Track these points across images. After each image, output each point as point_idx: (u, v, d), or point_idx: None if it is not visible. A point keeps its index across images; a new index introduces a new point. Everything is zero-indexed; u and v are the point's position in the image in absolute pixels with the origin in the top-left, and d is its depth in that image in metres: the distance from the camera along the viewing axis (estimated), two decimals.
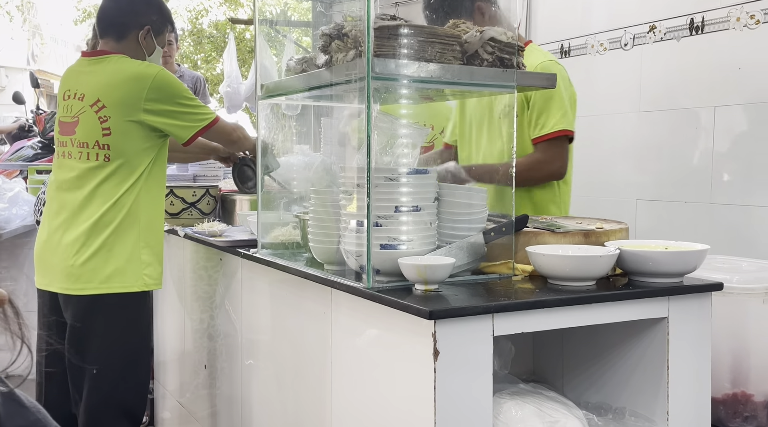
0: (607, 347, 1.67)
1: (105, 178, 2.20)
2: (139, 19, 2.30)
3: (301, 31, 4.50)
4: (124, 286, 2.22)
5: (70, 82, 2.31)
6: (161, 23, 2.36)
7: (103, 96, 2.20)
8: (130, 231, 2.23)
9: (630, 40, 3.02)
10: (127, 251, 2.22)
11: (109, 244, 2.20)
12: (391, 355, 1.44)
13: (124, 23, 2.30)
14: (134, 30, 2.30)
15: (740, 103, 2.61)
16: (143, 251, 2.26)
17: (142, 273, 2.25)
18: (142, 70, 2.21)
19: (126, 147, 2.20)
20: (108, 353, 2.22)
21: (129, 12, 2.31)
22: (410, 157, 1.68)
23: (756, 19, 2.54)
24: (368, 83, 1.47)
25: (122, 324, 2.25)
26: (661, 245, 1.60)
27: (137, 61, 2.27)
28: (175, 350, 2.93)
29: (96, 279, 2.19)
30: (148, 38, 2.32)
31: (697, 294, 1.55)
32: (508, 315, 1.36)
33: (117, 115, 2.18)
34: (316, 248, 1.76)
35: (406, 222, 1.51)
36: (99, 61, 2.27)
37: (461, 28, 1.66)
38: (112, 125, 2.18)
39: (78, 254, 2.19)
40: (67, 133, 2.26)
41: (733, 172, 2.65)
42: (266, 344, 2.07)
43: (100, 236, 2.20)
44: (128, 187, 2.22)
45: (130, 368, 2.27)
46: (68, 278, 2.21)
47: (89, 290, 2.19)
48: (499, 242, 1.61)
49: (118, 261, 2.21)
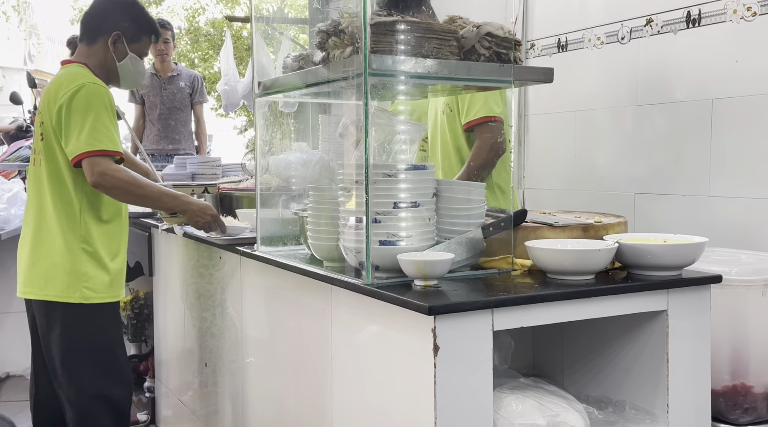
0: (606, 340, 1.67)
1: (41, 183, 2.25)
2: (110, 24, 2.31)
3: (298, 29, 4.49)
4: (58, 295, 2.18)
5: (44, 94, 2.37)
6: (135, 31, 2.35)
7: (43, 104, 2.27)
8: (61, 237, 2.18)
9: (627, 34, 3.02)
10: (56, 259, 2.18)
11: (40, 251, 2.22)
12: (391, 351, 1.45)
13: (95, 28, 2.33)
14: (104, 35, 2.31)
15: (738, 95, 2.61)
16: (84, 261, 2.19)
17: (81, 285, 2.18)
18: (76, 79, 2.19)
19: (52, 151, 2.22)
20: (73, 352, 2.22)
21: (100, 18, 2.34)
22: (408, 154, 1.68)
23: (753, 12, 2.54)
24: (365, 79, 1.47)
25: (80, 329, 2.22)
26: (660, 238, 1.61)
27: (75, 71, 2.25)
28: (176, 348, 2.93)
29: (36, 285, 2.22)
30: (119, 44, 2.31)
31: (696, 287, 1.55)
32: (507, 310, 1.36)
33: (47, 121, 2.23)
34: (315, 245, 1.76)
35: (405, 218, 1.52)
36: (61, 70, 2.33)
37: (458, 24, 1.66)
38: (44, 131, 2.24)
39: (32, 255, 2.24)
40: (37, 144, 2.32)
41: (731, 164, 2.65)
42: (267, 341, 2.07)
43: (35, 241, 2.24)
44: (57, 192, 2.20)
45: (102, 365, 2.24)
46: (26, 278, 2.26)
47: (33, 295, 2.23)
48: (498, 237, 1.61)
49: (47, 269, 2.20)
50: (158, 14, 12.36)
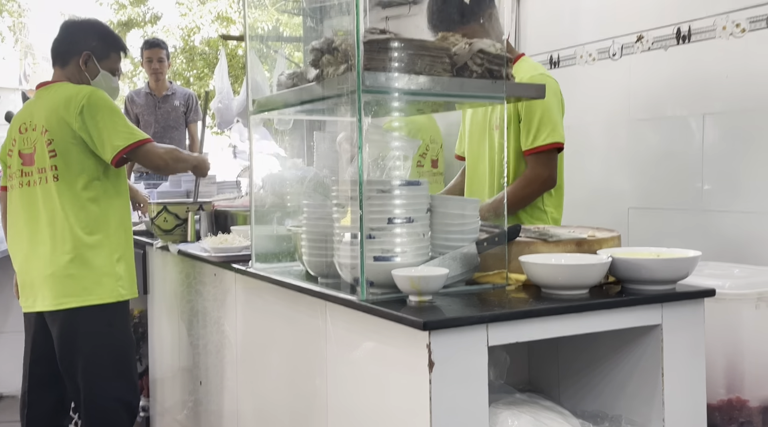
0: (602, 355, 1.67)
1: (61, 197, 2.33)
2: (78, 46, 2.46)
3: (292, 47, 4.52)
4: (100, 298, 2.35)
5: (24, 116, 2.46)
6: (103, 49, 2.50)
7: (46, 122, 2.35)
8: (102, 244, 2.36)
9: (618, 50, 3.05)
10: (101, 263, 2.35)
11: (84, 257, 2.33)
12: (386, 367, 1.44)
13: (65, 51, 2.48)
14: (74, 56, 2.46)
15: (728, 110, 2.64)
16: (117, 263, 2.39)
17: (116, 285, 2.38)
18: (74, 91, 2.35)
19: (72, 165, 2.33)
20: (96, 359, 2.37)
21: (69, 41, 2.49)
22: (402, 169, 1.68)
23: (742, 28, 2.57)
24: (359, 96, 1.48)
25: (106, 331, 2.39)
26: (654, 252, 1.61)
27: (73, 85, 2.41)
28: (170, 367, 2.91)
29: (74, 292, 2.32)
30: (90, 63, 2.46)
31: (690, 301, 1.56)
32: (502, 325, 1.36)
33: (57, 137, 2.33)
34: (309, 262, 1.76)
35: (400, 234, 1.52)
36: (46, 91, 2.44)
37: (450, 41, 1.68)
38: (56, 147, 2.33)
39: (56, 264, 2.32)
40: (30, 163, 2.39)
41: (723, 179, 2.67)
42: (262, 358, 2.06)
43: (74, 249, 2.33)
44: (85, 204, 2.34)
45: (121, 369, 2.42)
46: (49, 291, 2.33)
47: (71, 304, 2.32)
48: (492, 252, 1.62)
49: (93, 273, 2.34)
50: (153, 33, 12.43)
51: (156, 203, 2.85)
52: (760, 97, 2.52)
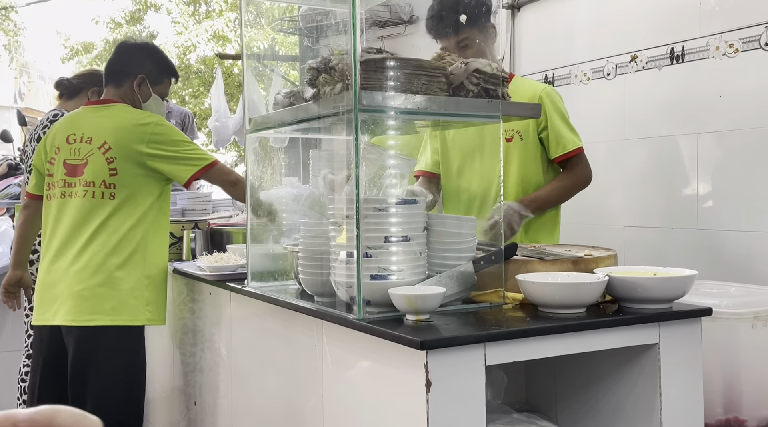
0: (599, 374, 1.66)
1: (110, 215, 2.34)
2: (135, 68, 2.51)
3: (288, 65, 4.53)
4: (127, 319, 2.33)
5: (73, 127, 2.46)
6: (158, 73, 2.56)
7: (109, 139, 2.37)
8: (136, 266, 2.36)
9: (612, 70, 3.07)
10: (131, 286, 2.34)
11: (116, 277, 2.32)
12: (383, 386, 1.43)
13: (121, 72, 2.51)
14: (130, 78, 2.50)
15: (722, 129, 2.65)
16: (147, 287, 2.37)
17: (144, 308, 2.36)
18: (143, 118, 2.41)
19: (130, 186, 2.36)
20: (109, 381, 2.34)
21: (126, 62, 2.53)
22: (398, 188, 1.68)
23: (735, 48, 2.59)
24: (355, 115, 1.48)
25: (123, 354, 2.36)
26: (650, 271, 1.61)
27: (138, 110, 2.48)
28: (164, 387, 2.89)
29: (101, 311, 2.30)
30: (143, 86, 2.52)
31: (687, 320, 1.55)
32: (499, 344, 1.35)
33: (122, 157, 2.35)
34: (306, 280, 1.75)
35: (396, 252, 1.52)
36: (104, 108, 2.47)
37: (446, 61, 1.69)
38: (117, 166, 2.35)
39: (86, 282, 2.30)
40: (75, 175, 2.39)
41: (718, 197, 2.68)
42: (257, 377, 2.05)
43: (107, 269, 2.31)
44: (133, 224, 2.36)
45: (130, 393, 2.39)
46: (75, 307, 2.30)
47: (94, 322, 2.29)
48: (488, 271, 1.62)
49: (122, 294, 2.32)
50: None
51: None
52: (754, 117, 2.54)
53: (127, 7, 12.82)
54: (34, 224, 2.61)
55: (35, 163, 2.56)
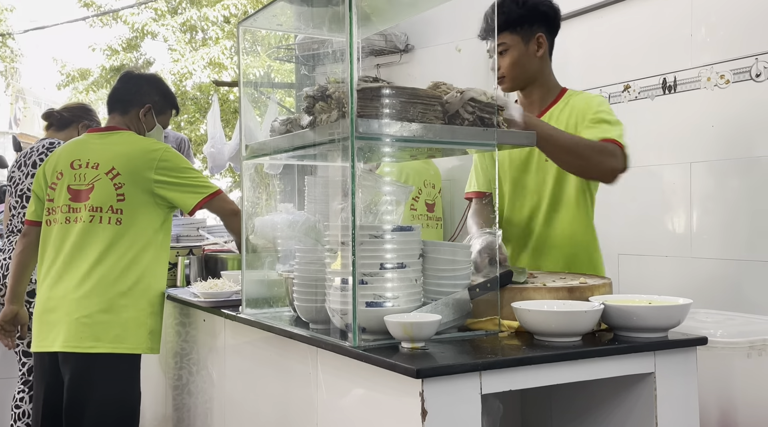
0: (595, 403, 1.65)
1: (114, 241, 2.34)
2: (142, 97, 2.57)
3: (284, 92, 4.56)
4: (129, 347, 2.32)
5: (78, 153, 2.47)
6: (163, 104, 2.63)
7: (117, 165, 2.39)
8: (139, 294, 2.35)
9: (605, 99, 3.10)
10: (134, 314, 2.33)
11: (119, 305, 2.31)
12: (378, 415, 1.42)
13: (128, 100, 2.56)
14: (136, 106, 2.56)
15: (715, 159, 2.68)
16: (150, 316, 2.37)
17: (147, 337, 2.36)
18: (152, 145, 2.45)
19: (136, 213, 2.38)
20: (105, 409, 2.31)
21: (134, 91, 2.58)
22: (394, 215, 1.69)
23: (726, 79, 2.63)
24: (352, 143, 1.49)
25: (121, 383, 2.34)
26: (645, 299, 1.61)
27: (144, 137, 2.52)
28: (157, 414, 2.85)
29: (104, 338, 2.28)
30: (149, 115, 2.57)
31: (683, 349, 1.55)
32: (495, 373, 1.35)
33: (130, 184, 2.38)
34: (301, 307, 1.74)
35: (392, 279, 1.51)
36: (110, 135, 2.49)
37: (442, 89, 1.70)
38: (126, 192, 2.37)
39: (89, 308, 2.28)
40: (80, 200, 2.40)
41: (711, 226, 2.69)
42: (251, 405, 2.03)
43: (110, 296, 2.31)
44: (137, 252, 2.37)
45: (126, 421, 2.36)
46: (76, 333, 2.28)
47: (96, 349, 2.27)
48: (484, 298, 1.61)
49: (125, 322, 2.31)
50: None
51: None
52: (746, 146, 2.57)
53: (123, 35, 12.93)
54: (34, 252, 2.53)
55: (35, 190, 2.55)
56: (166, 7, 12.61)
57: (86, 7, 12.77)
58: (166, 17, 12.54)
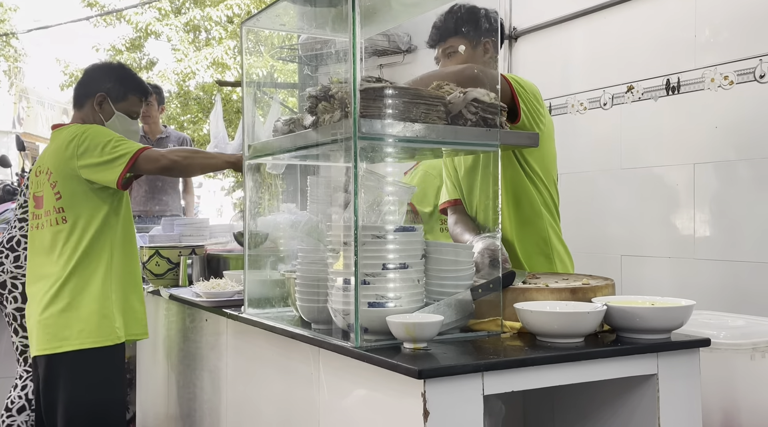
0: (597, 404, 1.65)
1: (66, 239, 2.31)
2: (93, 87, 2.46)
3: (287, 92, 4.56)
4: (96, 341, 2.26)
5: (39, 160, 2.47)
6: (119, 90, 2.47)
7: (51, 165, 2.36)
8: (100, 286, 2.29)
9: (609, 100, 3.10)
10: (96, 307, 2.27)
11: (77, 301, 2.27)
12: (380, 416, 1.42)
13: (82, 93, 2.47)
14: (89, 98, 2.45)
15: (718, 160, 2.67)
16: (115, 304, 2.30)
17: (114, 327, 2.28)
18: (73, 131, 2.34)
19: (76, 206, 2.31)
20: (74, 411, 2.25)
21: (85, 82, 2.49)
22: (397, 215, 1.69)
23: (729, 80, 2.62)
24: (355, 143, 1.49)
25: (91, 382, 2.27)
26: (648, 300, 1.61)
27: (79, 125, 2.39)
28: (159, 414, 2.85)
29: (68, 336, 2.24)
30: (105, 104, 2.45)
31: (686, 350, 1.55)
32: (498, 373, 1.34)
33: (61, 179, 2.32)
34: (303, 307, 1.74)
35: (394, 279, 1.51)
36: (58, 133, 2.43)
37: (445, 90, 1.70)
38: (60, 189, 2.32)
39: (49, 309, 2.26)
40: (40, 207, 2.39)
41: (714, 227, 2.69)
42: (253, 405, 2.03)
43: (68, 293, 2.27)
44: (89, 244, 2.30)
45: (97, 422, 2.27)
46: (41, 335, 2.27)
47: (62, 348, 2.24)
48: (486, 299, 1.61)
49: (87, 316, 2.26)
50: (149, 79, 12.56)
51: (148, 247, 2.83)
52: (749, 147, 2.56)
53: (127, 35, 12.94)
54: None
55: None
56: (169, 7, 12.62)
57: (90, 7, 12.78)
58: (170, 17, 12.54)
